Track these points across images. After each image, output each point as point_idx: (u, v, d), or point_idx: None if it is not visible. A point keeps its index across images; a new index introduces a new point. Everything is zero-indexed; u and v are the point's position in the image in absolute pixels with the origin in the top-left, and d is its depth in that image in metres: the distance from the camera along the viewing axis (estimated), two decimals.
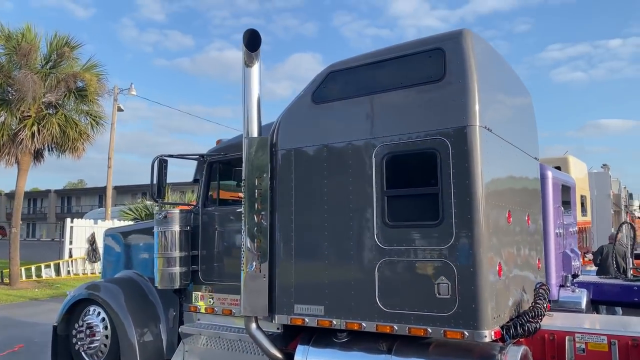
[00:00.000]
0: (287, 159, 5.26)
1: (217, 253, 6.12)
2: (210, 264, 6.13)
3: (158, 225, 6.13)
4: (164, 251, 6.08)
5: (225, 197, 6.47)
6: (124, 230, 7.66)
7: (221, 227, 6.12)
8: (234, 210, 6.06)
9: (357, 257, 4.74)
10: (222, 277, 6.01)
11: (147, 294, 6.69)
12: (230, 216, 6.05)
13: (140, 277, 6.91)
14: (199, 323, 6.13)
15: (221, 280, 6.00)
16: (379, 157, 4.69)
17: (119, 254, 7.48)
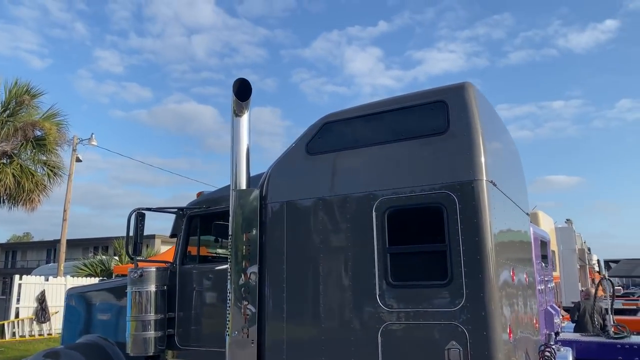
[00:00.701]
0: (278, 213, 4.95)
1: (196, 315, 5.63)
2: (189, 328, 5.62)
3: (132, 284, 5.61)
4: (138, 313, 5.55)
5: (206, 254, 6.04)
6: (89, 289, 7.04)
7: (201, 287, 5.67)
8: (215, 268, 5.65)
9: (358, 320, 4.39)
10: (202, 342, 5.50)
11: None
12: (212, 275, 5.63)
13: (106, 342, 6.28)
14: None
15: (201, 346, 5.48)
16: (380, 211, 4.45)
17: (82, 316, 6.83)
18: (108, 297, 6.57)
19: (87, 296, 6.86)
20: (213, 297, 5.57)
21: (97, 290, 6.88)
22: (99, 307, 6.62)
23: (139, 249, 5.53)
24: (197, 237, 5.86)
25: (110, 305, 6.50)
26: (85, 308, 6.82)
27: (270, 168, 5.17)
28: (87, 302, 6.81)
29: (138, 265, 5.55)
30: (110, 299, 6.52)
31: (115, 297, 6.44)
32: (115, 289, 6.52)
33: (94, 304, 6.69)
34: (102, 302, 6.62)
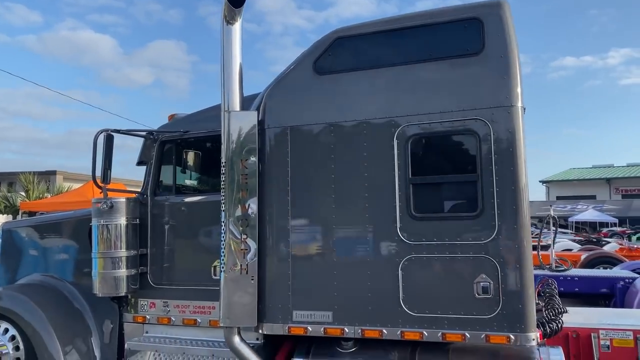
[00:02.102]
0: (281, 139, 4.42)
1: (172, 251, 5.04)
2: (164, 265, 5.03)
3: (99, 216, 4.88)
4: (107, 249, 4.86)
5: (181, 185, 5.38)
6: (32, 223, 6.12)
7: (177, 221, 5.05)
8: (195, 200, 5.07)
9: (375, 254, 4.09)
10: (182, 280, 4.95)
11: (72, 302, 5.35)
12: (190, 207, 5.03)
13: (59, 282, 5.52)
14: (148, 337, 5.00)
15: (180, 284, 4.94)
16: (402, 139, 4.08)
17: (22, 254, 5.95)
18: (59, 232, 5.74)
19: (29, 231, 5.96)
20: (192, 231, 5.00)
21: (43, 223, 5.98)
22: (47, 243, 5.77)
23: (108, 176, 4.77)
24: (172, 166, 5.17)
25: (61, 241, 5.69)
26: (27, 245, 5.93)
27: (267, 89, 4.57)
28: (30, 239, 5.92)
29: (107, 195, 4.80)
30: (62, 233, 5.70)
31: (69, 232, 5.64)
32: (69, 222, 5.70)
33: (40, 240, 5.83)
34: (51, 238, 5.77)
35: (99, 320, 5.27)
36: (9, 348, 5.11)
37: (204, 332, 4.83)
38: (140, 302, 5.09)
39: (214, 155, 5.27)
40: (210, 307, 4.80)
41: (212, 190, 5.10)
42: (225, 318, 4.31)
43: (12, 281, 5.87)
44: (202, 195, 5.14)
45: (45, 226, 5.89)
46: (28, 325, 5.01)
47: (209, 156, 5.24)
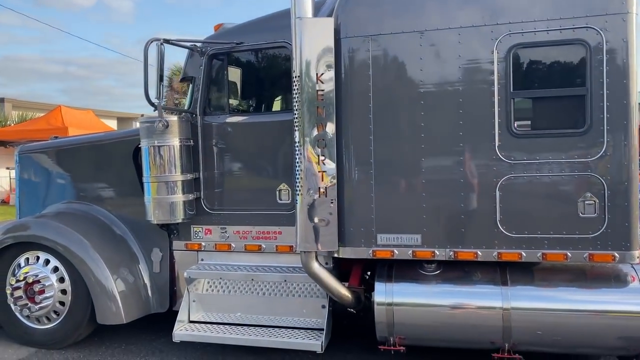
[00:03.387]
0: (361, 51, 4.02)
1: (230, 175, 4.70)
2: (220, 190, 4.69)
3: (150, 137, 4.45)
4: (160, 173, 4.47)
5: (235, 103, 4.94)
6: (56, 147, 5.56)
7: (235, 142, 4.68)
8: (256, 121, 4.68)
9: (470, 174, 3.87)
10: (241, 205, 4.65)
11: (113, 229, 4.99)
12: (252, 128, 4.65)
13: (95, 209, 5.12)
14: (205, 264, 4.74)
15: (239, 210, 4.64)
16: (503, 49, 3.76)
17: (47, 181, 5.46)
18: (92, 155, 5.26)
19: (53, 156, 5.44)
20: (251, 154, 4.65)
21: (71, 147, 5.45)
22: (76, 168, 5.29)
23: (162, 90, 4.29)
24: (224, 82, 4.70)
25: (96, 165, 5.22)
26: (51, 171, 5.44)
27: None
28: (54, 163, 5.42)
29: (162, 114, 4.34)
30: (96, 157, 5.23)
31: (105, 155, 5.17)
32: (104, 145, 5.22)
33: (68, 165, 5.34)
34: (81, 162, 5.28)
35: (146, 249, 4.95)
36: (53, 280, 4.75)
37: (270, 258, 4.60)
38: (193, 228, 4.78)
39: (273, 70, 4.86)
40: (276, 232, 4.55)
41: (270, 109, 4.73)
42: (303, 243, 4.08)
43: (35, 210, 5.41)
44: (260, 115, 4.74)
45: (73, 149, 5.38)
46: (73, 255, 4.65)
47: (267, 71, 4.80)
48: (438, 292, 4.06)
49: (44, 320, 4.83)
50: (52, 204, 5.34)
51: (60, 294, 4.76)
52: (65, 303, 4.76)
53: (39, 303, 4.69)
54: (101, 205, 5.11)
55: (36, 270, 4.77)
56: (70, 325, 4.76)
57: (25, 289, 4.76)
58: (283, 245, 4.53)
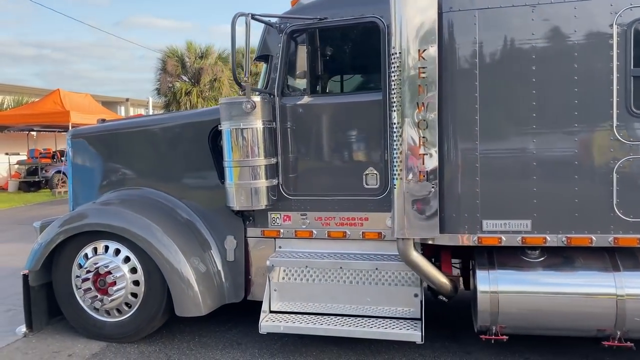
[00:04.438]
0: (467, 25, 3.80)
1: (311, 159, 4.48)
2: (300, 174, 4.47)
3: (232, 119, 4.19)
4: (243, 157, 4.23)
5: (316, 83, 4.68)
6: (113, 129, 5.26)
7: (317, 125, 4.45)
8: (341, 102, 4.45)
9: (585, 156, 3.70)
10: (323, 190, 4.43)
11: (184, 216, 4.74)
12: (336, 109, 4.42)
13: (161, 195, 4.86)
14: (284, 252, 4.53)
15: (321, 195, 4.43)
16: (624, 23, 3.57)
17: (104, 166, 5.17)
18: (157, 138, 4.97)
19: (111, 139, 5.14)
20: (334, 136, 4.41)
21: (131, 130, 5.14)
22: (137, 152, 5.00)
23: (249, 68, 4.03)
24: (304, 60, 4.43)
25: (161, 149, 4.93)
26: (109, 155, 5.13)
27: None
28: (113, 147, 5.12)
29: (250, 95, 4.07)
30: (162, 140, 4.94)
31: (173, 138, 4.88)
32: (171, 127, 4.93)
33: (129, 149, 5.05)
34: (143, 146, 4.99)
35: (218, 236, 4.71)
36: (125, 270, 4.50)
37: (354, 245, 4.40)
38: (271, 215, 4.55)
39: (359, 47, 4.61)
40: (362, 218, 4.35)
41: (357, 89, 4.49)
42: (401, 230, 3.89)
43: (90, 198, 5.13)
44: (345, 95, 4.49)
45: (136, 133, 5.08)
46: (149, 244, 4.40)
47: (353, 48, 4.55)
48: (545, 280, 3.91)
49: (115, 312, 4.59)
50: (111, 191, 5.06)
51: (133, 285, 4.52)
52: (138, 295, 4.52)
53: (110, 295, 4.44)
54: (168, 192, 4.85)
55: (106, 261, 4.52)
56: (143, 317, 4.53)
57: (94, 280, 4.51)
58: (370, 231, 4.33)
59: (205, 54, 37.09)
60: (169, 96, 36.95)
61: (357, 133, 4.34)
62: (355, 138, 4.36)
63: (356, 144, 4.36)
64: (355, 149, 4.38)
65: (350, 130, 4.36)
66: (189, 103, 36.08)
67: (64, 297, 4.71)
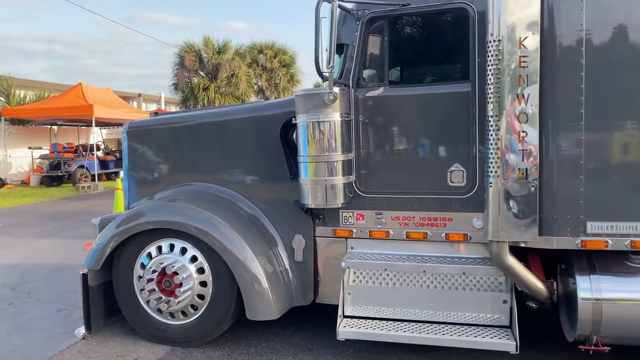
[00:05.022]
0: (572, 11, 3.51)
1: (389, 154, 4.19)
2: (376, 170, 4.20)
3: (308, 112, 3.94)
4: (320, 152, 3.97)
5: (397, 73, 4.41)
6: (176, 121, 5.03)
7: (396, 117, 4.16)
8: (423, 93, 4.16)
9: None
10: (401, 187, 4.16)
11: (250, 213, 4.49)
12: (417, 101, 4.14)
13: (228, 191, 4.61)
14: (356, 253, 4.26)
15: (398, 193, 4.16)
16: None
17: (162, 161, 4.93)
18: (220, 131, 4.71)
19: (169, 132, 4.92)
20: (415, 130, 4.14)
21: (196, 122, 4.88)
22: (204, 145, 4.75)
23: (333, 58, 3.76)
24: (384, 49, 4.16)
25: (224, 143, 4.68)
26: (167, 149, 4.91)
27: None
28: (171, 141, 4.89)
29: (332, 86, 3.81)
30: (225, 133, 4.68)
31: (238, 131, 4.63)
32: (237, 121, 4.67)
33: (189, 143, 4.80)
34: (204, 139, 4.74)
35: (286, 235, 4.46)
36: (192, 270, 4.27)
37: (435, 247, 4.13)
38: (343, 213, 4.29)
39: (443, 36, 4.32)
40: (446, 218, 4.07)
41: (440, 80, 4.20)
42: (496, 232, 3.62)
43: (147, 194, 4.91)
44: (427, 86, 4.20)
45: (197, 126, 4.83)
46: (219, 243, 4.16)
47: (436, 36, 4.26)
48: None
49: (179, 315, 4.36)
50: (171, 187, 4.83)
51: (199, 286, 4.28)
52: (205, 296, 4.28)
53: (176, 296, 4.21)
54: (232, 188, 4.60)
55: (171, 260, 4.28)
56: (210, 320, 4.30)
57: (158, 280, 4.29)
58: (455, 233, 4.05)
59: (222, 49, 36.98)
60: (186, 92, 36.94)
61: (440, 127, 4.06)
62: (439, 132, 4.07)
63: (440, 138, 4.07)
64: (439, 144, 4.09)
65: (433, 124, 4.08)
66: (206, 99, 36.02)
67: (125, 298, 4.49)
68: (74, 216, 12.03)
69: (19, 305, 5.56)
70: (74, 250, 8.18)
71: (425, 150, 4.13)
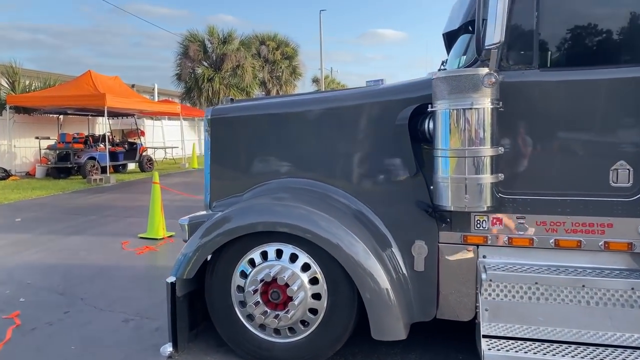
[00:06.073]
0: None
1: (537, 149, 3.60)
2: (519, 168, 3.62)
3: (450, 98, 3.35)
4: (465, 146, 3.39)
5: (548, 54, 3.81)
6: (272, 106, 4.39)
7: (548, 106, 3.57)
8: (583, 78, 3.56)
9: None
10: (552, 187, 3.58)
11: (367, 217, 3.91)
12: (574, 87, 3.55)
13: (335, 189, 4.01)
14: (499, 264, 3.70)
15: (550, 194, 3.58)
16: None
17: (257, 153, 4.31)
18: (331, 120, 4.09)
19: (270, 120, 4.27)
20: (568, 121, 3.55)
21: (297, 109, 4.25)
22: (306, 135, 4.14)
23: (503, 29, 3.17)
24: (531, 25, 3.56)
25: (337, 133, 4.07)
26: (265, 139, 4.28)
27: None
28: (271, 130, 4.26)
29: (496, 65, 3.22)
30: (339, 122, 4.07)
31: (353, 120, 4.02)
32: (354, 109, 4.04)
33: (291, 132, 4.19)
34: (313, 128, 4.13)
35: (403, 241, 3.87)
36: (304, 280, 3.67)
37: (592, 257, 3.57)
38: (475, 217, 3.72)
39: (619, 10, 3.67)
40: (604, 224, 3.50)
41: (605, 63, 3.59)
42: None
43: (233, 190, 4.30)
44: (591, 70, 3.57)
45: (297, 114, 4.21)
46: (338, 249, 3.56)
47: (608, 12, 3.64)
48: None
49: (286, 332, 3.77)
50: (263, 182, 4.22)
51: (312, 299, 3.69)
52: (319, 311, 3.69)
53: (287, 310, 3.62)
54: (340, 186, 4.00)
55: (279, 268, 3.69)
56: (323, 338, 3.71)
57: (263, 291, 3.69)
58: (616, 241, 3.48)
59: (228, 39, 36.22)
60: (189, 82, 36.16)
61: (605, 118, 3.48)
62: (602, 124, 3.49)
63: (603, 131, 3.49)
64: (599, 138, 3.51)
65: (595, 115, 3.50)
66: (211, 90, 35.28)
67: (220, 312, 3.89)
68: (96, 211, 11.36)
69: (76, 314, 4.93)
70: (111, 250, 7.57)
71: (584, 145, 3.54)
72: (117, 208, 11.89)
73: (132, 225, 9.55)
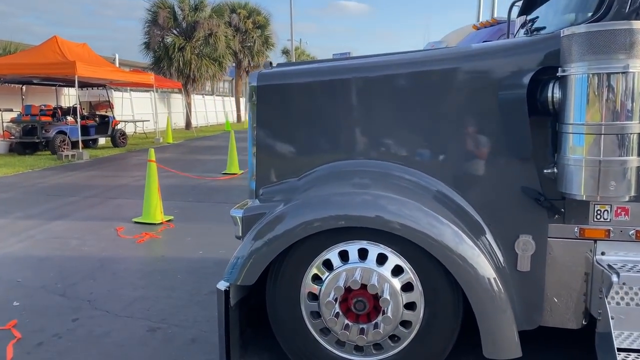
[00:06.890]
0: None
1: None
2: None
3: (587, 59, 2.66)
4: (606, 120, 2.72)
5: None
6: (330, 71, 3.56)
7: None
8: None
9: None
10: None
11: (462, 208, 3.21)
12: None
13: (420, 174, 3.29)
14: (630, 264, 3.08)
15: None
16: None
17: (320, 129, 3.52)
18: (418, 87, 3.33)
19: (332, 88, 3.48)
20: None
21: (374, 74, 3.42)
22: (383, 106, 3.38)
23: None
24: None
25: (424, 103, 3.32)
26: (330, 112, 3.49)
27: None
28: (336, 101, 3.47)
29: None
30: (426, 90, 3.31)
31: (445, 87, 3.27)
32: (446, 73, 3.28)
33: (362, 103, 3.42)
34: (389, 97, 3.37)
35: (504, 236, 3.21)
36: (397, 286, 2.97)
37: None
38: (596, 207, 3.09)
39: None
40: None
41: None
42: None
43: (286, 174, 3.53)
44: None
45: (371, 79, 3.42)
46: (443, 249, 2.87)
47: None
48: None
49: (371, 349, 3.08)
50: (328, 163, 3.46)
51: (405, 309, 3.00)
52: (413, 323, 3.01)
53: (374, 323, 2.93)
54: (431, 172, 3.28)
55: (362, 272, 2.97)
56: (417, 356, 3.04)
57: (343, 298, 2.98)
58: None
59: (199, 6, 34.63)
60: (159, 51, 34.50)
61: None
62: None
63: None
64: None
65: None
66: (182, 59, 33.73)
67: (286, 324, 3.16)
68: (74, 191, 10.32)
69: (87, 321, 4.12)
70: (106, 238, 6.70)
71: None
72: (98, 187, 10.86)
73: (122, 207, 8.63)
